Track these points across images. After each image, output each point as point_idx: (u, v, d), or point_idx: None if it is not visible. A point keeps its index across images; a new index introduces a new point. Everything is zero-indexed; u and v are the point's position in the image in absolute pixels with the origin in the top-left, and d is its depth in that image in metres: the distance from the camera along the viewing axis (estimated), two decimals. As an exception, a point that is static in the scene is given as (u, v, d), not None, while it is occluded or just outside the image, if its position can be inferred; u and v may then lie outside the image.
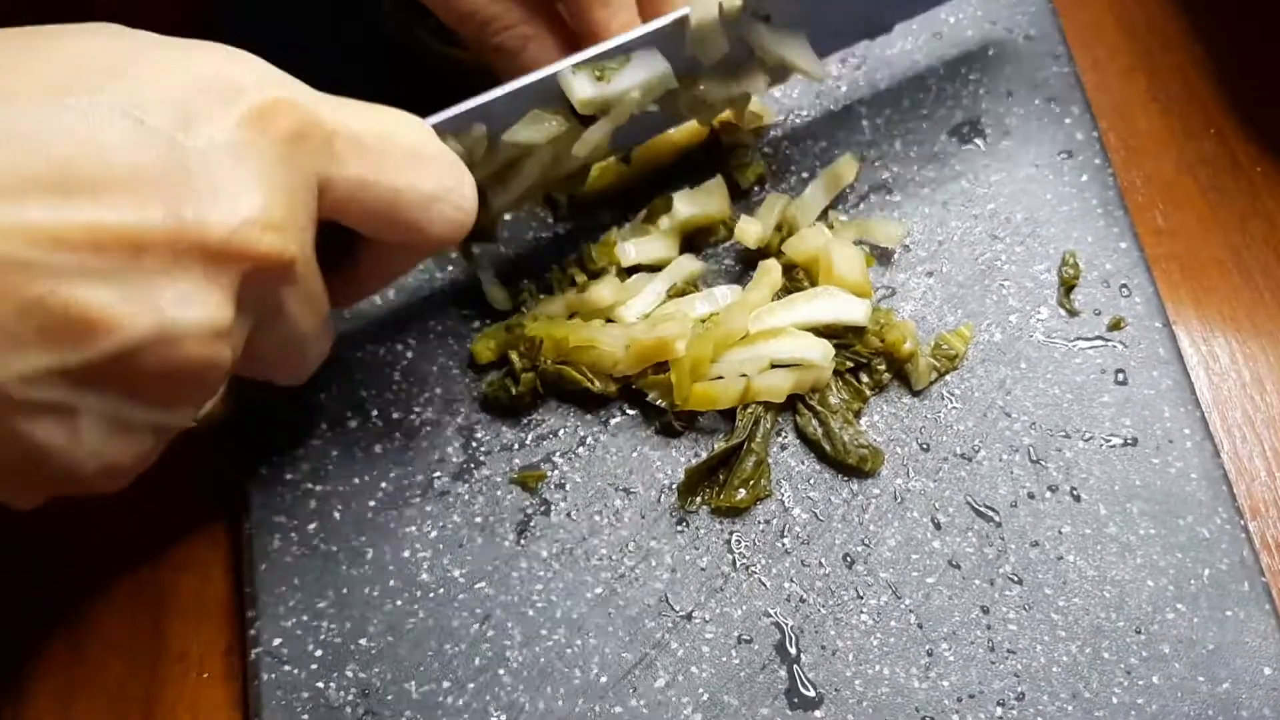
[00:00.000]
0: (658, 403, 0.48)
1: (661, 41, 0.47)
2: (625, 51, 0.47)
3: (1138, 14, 0.60)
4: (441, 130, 0.44)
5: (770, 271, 0.50)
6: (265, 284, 0.37)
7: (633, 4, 0.48)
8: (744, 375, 0.48)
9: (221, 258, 0.35)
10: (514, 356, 0.49)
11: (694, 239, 0.53)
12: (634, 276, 0.51)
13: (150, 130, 0.34)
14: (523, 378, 0.49)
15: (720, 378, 0.48)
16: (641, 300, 0.50)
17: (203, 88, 0.36)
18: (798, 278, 0.51)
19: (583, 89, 0.46)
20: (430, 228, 0.41)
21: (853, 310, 0.49)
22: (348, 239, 0.41)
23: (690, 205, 0.52)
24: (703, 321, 0.49)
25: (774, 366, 0.48)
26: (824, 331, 0.49)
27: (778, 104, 0.56)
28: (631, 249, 0.51)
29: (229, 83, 0.36)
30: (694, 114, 0.51)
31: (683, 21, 0.47)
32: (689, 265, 0.51)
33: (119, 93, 0.34)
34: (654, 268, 0.51)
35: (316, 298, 0.40)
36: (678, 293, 0.51)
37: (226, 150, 0.35)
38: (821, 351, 0.48)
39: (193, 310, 0.34)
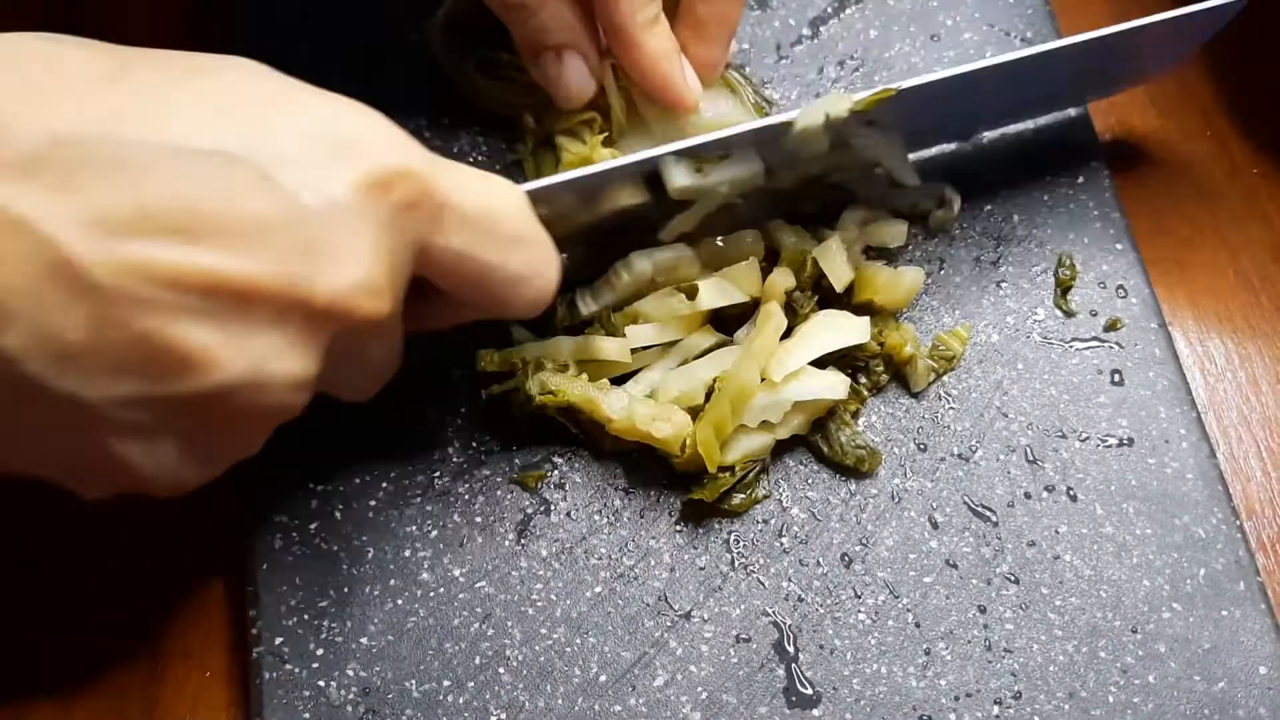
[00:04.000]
0: (683, 468, 0.48)
1: (761, 138, 0.47)
2: (725, 148, 0.47)
3: (1135, 16, 0.60)
4: (534, 196, 0.44)
5: (773, 316, 0.48)
6: (355, 337, 0.38)
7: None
8: (766, 421, 0.47)
9: (322, 317, 0.36)
10: (514, 402, 0.48)
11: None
12: (647, 350, 0.49)
13: (274, 185, 0.35)
14: (519, 415, 0.48)
15: (742, 425, 0.47)
16: (651, 374, 0.49)
17: (330, 145, 0.36)
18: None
19: (681, 178, 0.47)
20: (512, 305, 0.42)
21: (857, 333, 0.49)
22: (426, 282, 0.42)
23: (718, 295, 0.49)
24: (712, 382, 0.48)
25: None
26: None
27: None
28: (643, 333, 0.49)
29: (355, 143, 0.37)
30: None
31: (788, 123, 0.47)
32: (703, 342, 0.49)
33: (251, 143, 0.35)
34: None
35: (396, 340, 0.42)
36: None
37: (343, 212, 0.36)
38: (842, 388, 0.48)
39: (285, 362, 0.36)
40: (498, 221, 0.41)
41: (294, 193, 0.35)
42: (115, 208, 0.33)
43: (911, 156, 0.54)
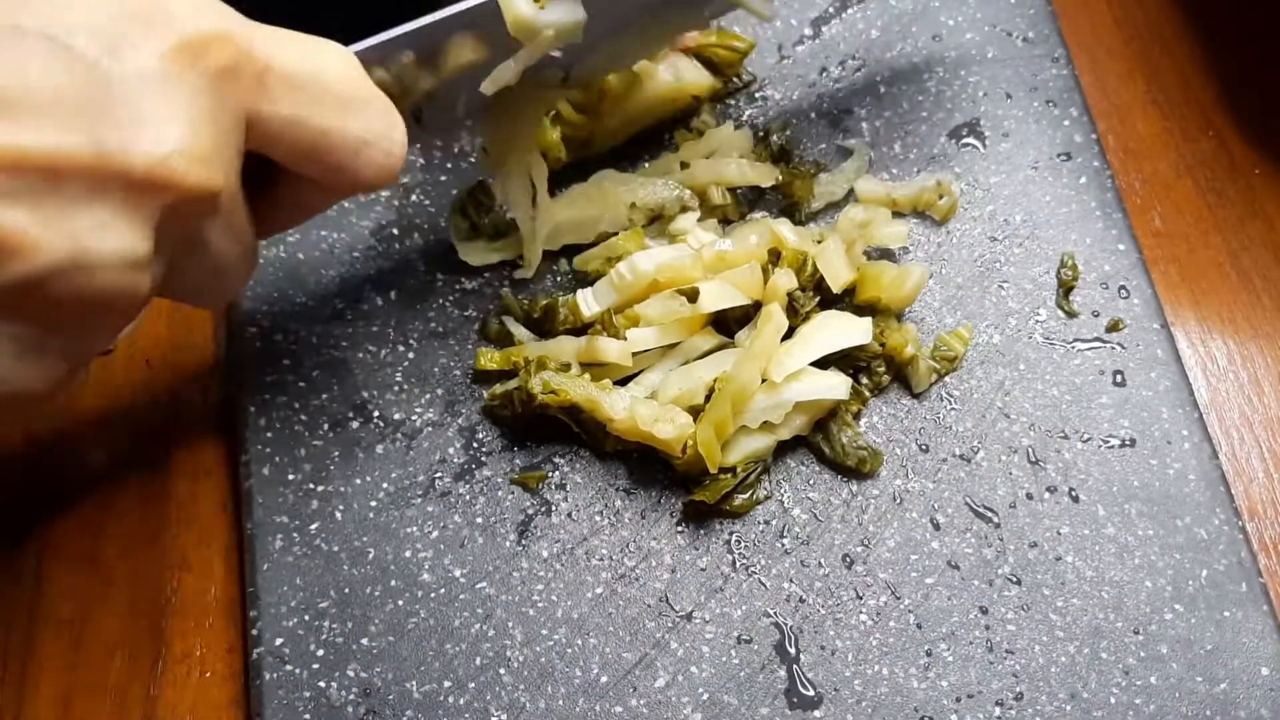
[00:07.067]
0: (685, 469, 0.48)
1: None
2: None
3: (1137, 16, 0.60)
4: (369, 59, 0.43)
5: (774, 317, 0.48)
6: (189, 215, 0.37)
7: None
8: (768, 422, 0.47)
9: (143, 188, 0.34)
10: (515, 399, 0.48)
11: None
12: (647, 351, 0.49)
13: (75, 55, 0.33)
14: (520, 414, 0.48)
15: (744, 426, 0.47)
16: (652, 375, 0.49)
17: (132, 14, 0.35)
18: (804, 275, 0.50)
19: (523, 6, 0.45)
20: (358, 172, 0.41)
21: (859, 334, 0.49)
22: (271, 167, 0.41)
23: (720, 298, 0.48)
24: (713, 383, 0.48)
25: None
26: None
27: (778, 106, 0.56)
28: (644, 335, 0.49)
29: (160, 10, 0.35)
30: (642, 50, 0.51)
31: None
32: (704, 344, 0.49)
33: (43, 15, 0.34)
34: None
35: (240, 228, 0.40)
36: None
37: (154, 80, 0.35)
38: (844, 388, 0.48)
39: (110, 239, 0.34)
40: (328, 83, 0.39)
41: (96, 62, 0.34)
42: None
43: (915, 166, 0.54)
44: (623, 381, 0.49)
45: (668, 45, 0.52)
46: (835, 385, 0.48)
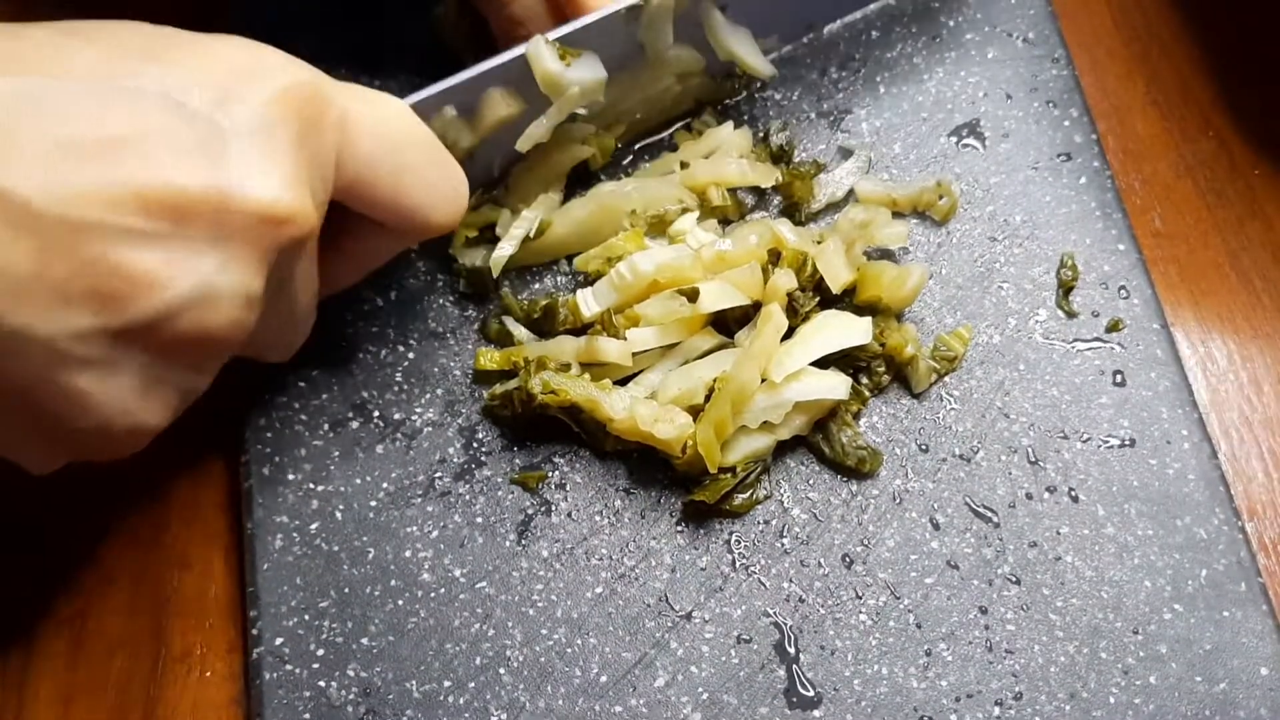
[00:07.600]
0: (685, 469, 0.48)
1: (615, 29, 0.49)
2: (577, 45, 0.48)
3: (1136, 17, 0.60)
4: (416, 110, 0.45)
5: (773, 317, 0.47)
6: (289, 255, 0.40)
7: None
8: (768, 422, 0.47)
9: (259, 228, 0.37)
10: (515, 399, 0.48)
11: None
12: (647, 351, 0.49)
13: (189, 108, 0.37)
14: (520, 414, 0.49)
15: (744, 426, 0.47)
16: (652, 375, 0.49)
17: (235, 70, 0.38)
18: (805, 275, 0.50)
19: (550, 63, 0.47)
20: (432, 211, 0.44)
21: (859, 334, 0.49)
22: (332, 222, 0.43)
23: (720, 298, 0.48)
24: (713, 383, 0.48)
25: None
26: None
27: (778, 106, 0.56)
28: (644, 335, 0.49)
29: (256, 67, 0.39)
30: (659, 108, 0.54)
31: (637, 11, 0.49)
32: (703, 344, 0.49)
33: (158, 76, 0.37)
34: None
35: (314, 275, 0.43)
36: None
37: (259, 129, 0.38)
38: (843, 389, 0.48)
39: (230, 276, 0.37)
40: (396, 130, 0.43)
41: (209, 116, 0.37)
42: (40, 141, 0.34)
43: (913, 167, 0.54)
44: (623, 381, 0.49)
45: (688, 105, 0.55)
46: (835, 385, 0.48)
